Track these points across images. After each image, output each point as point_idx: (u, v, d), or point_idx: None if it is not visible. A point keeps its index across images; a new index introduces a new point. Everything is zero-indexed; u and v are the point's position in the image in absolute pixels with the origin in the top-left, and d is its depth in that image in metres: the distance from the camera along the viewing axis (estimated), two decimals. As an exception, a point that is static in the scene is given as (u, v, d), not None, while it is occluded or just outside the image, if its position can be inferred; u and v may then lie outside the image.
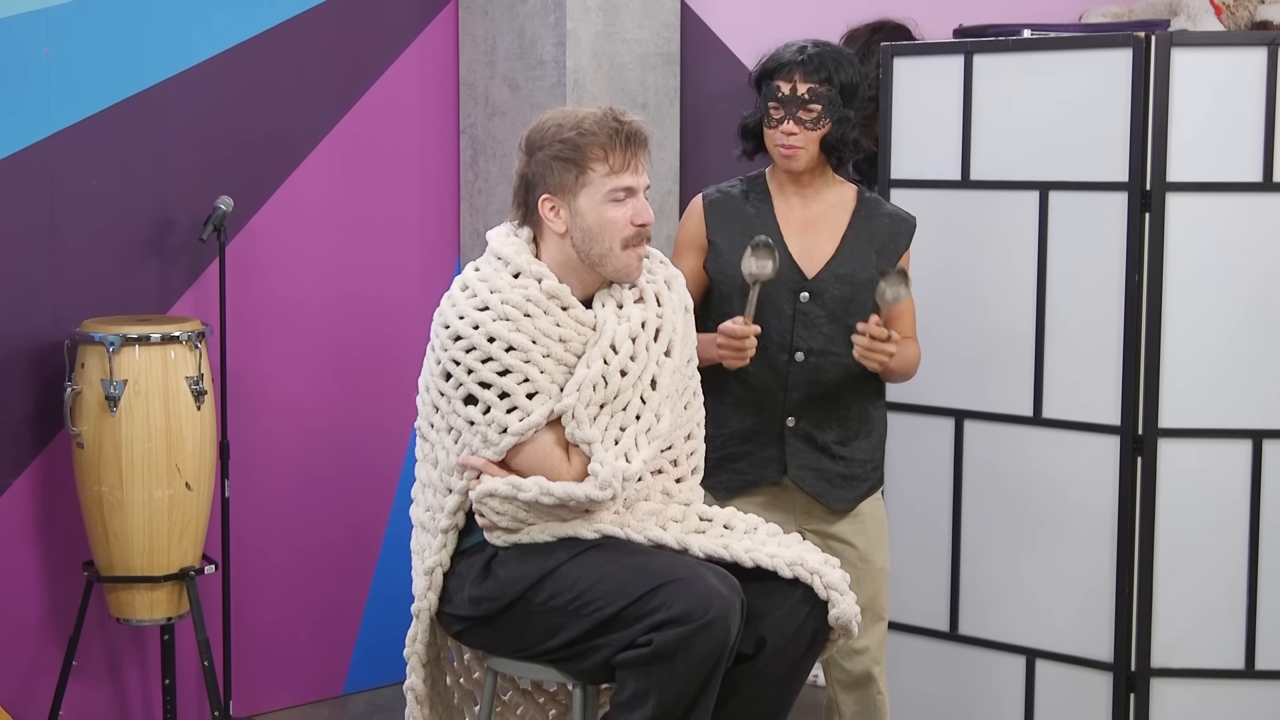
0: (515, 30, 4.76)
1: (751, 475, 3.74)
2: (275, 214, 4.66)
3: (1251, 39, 4.15)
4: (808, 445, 3.72)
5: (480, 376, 3.12)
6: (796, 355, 3.69)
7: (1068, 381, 4.24)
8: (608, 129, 3.15)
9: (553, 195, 3.18)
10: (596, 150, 3.15)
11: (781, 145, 3.69)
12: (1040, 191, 4.24)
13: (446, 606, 3.25)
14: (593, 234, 3.17)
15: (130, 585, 4.17)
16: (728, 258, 3.71)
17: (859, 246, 3.73)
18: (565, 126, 3.17)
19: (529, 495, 3.07)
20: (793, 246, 3.71)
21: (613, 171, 3.16)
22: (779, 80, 3.69)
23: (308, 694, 4.87)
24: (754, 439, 3.73)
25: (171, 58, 4.46)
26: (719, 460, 3.73)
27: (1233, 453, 4.14)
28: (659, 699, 2.96)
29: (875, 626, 3.80)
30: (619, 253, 3.19)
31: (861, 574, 3.76)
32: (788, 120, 3.67)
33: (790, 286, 3.68)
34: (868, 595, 3.76)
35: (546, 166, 3.18)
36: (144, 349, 4.12)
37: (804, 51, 3.70)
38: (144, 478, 4.10)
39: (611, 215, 3.17)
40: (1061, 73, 4.21)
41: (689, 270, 3.73)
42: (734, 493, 3.75)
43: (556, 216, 3.19)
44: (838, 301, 3.70)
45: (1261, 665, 4.17)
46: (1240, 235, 4.11)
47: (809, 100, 3.66)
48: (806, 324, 3.69)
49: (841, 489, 3.75)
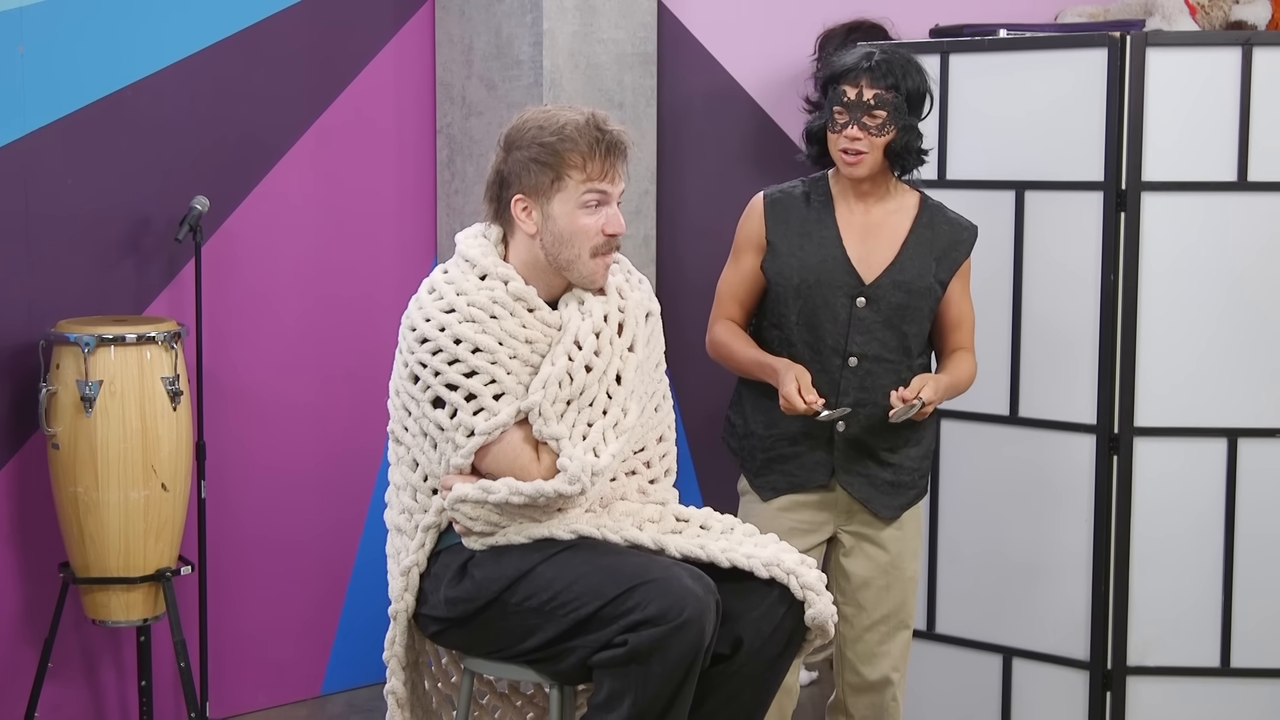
0: (492, 30, 4.75)
1: (800, 478, 3.72)
2: (251, 214, 4.65)
3: (1226, 39, 4.16)
4: (858, 451, 3.71)
5: (447, 378, 3.12)
6: (850, 360, 3.67)
7: (1044, 381, 4.25)
8: (589, 137, 3.14)
9: (526, 196, 3.18)
10: (575, 157, 3.14)
11: (845, 151, 3.65)
12: (1016, 191, 4.25)
13: (423, 607, 3.24)
14: (562, 239, 3.17)
15: (106, 586, 4.15)
16: (785, 259, 3.68)
17: (919, 254, 3.71)
18: (546, 130, 3.16)
19: (499, 497, 3.07)
20: (851, 251, 3.69)
21: (589, 179, 3.15)
22: (845, 85, 3.64)
23: (285, 695, 4.86)
24: (803, 441, 3.71)
25: (147, 57, 4.44)
26: (767, 461, 3.74)
27: (1208, 452, 4.16)
28: (635, 699, 2.95)
29: (900, 634, 3.79)
30: (586, 259, 3.19)
31: (891, 580, 3.75)
32: (852, 125, 3.63)
33: (847, 291, 3.66)
34: (895, 602, 3.76)
35: (523, 166, 3.17)
36: (119, 349, 4.10)
37: (871, 57, 3.65)
38: (120, 478, 4.09)
39: (583, 223, 3.16)
40: (1037, 73, 4.22)
41: (747, 270, 3.74)
42: (780, 493, 3.74)
43: (528, 217, 3.18)
44: (893, 308, 3.68)
45: (1237, 663, 4.19)
46: (1215, 234, 4.13)
47: (874, 106, 3.61)
48: (861, 329, 3.67)
49: (889, 495, 3.73)
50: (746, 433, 3.78)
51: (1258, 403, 4.14)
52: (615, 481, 3.28)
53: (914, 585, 3.81)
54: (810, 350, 3.67)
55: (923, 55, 4.36)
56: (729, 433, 3.86)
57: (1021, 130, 4.24)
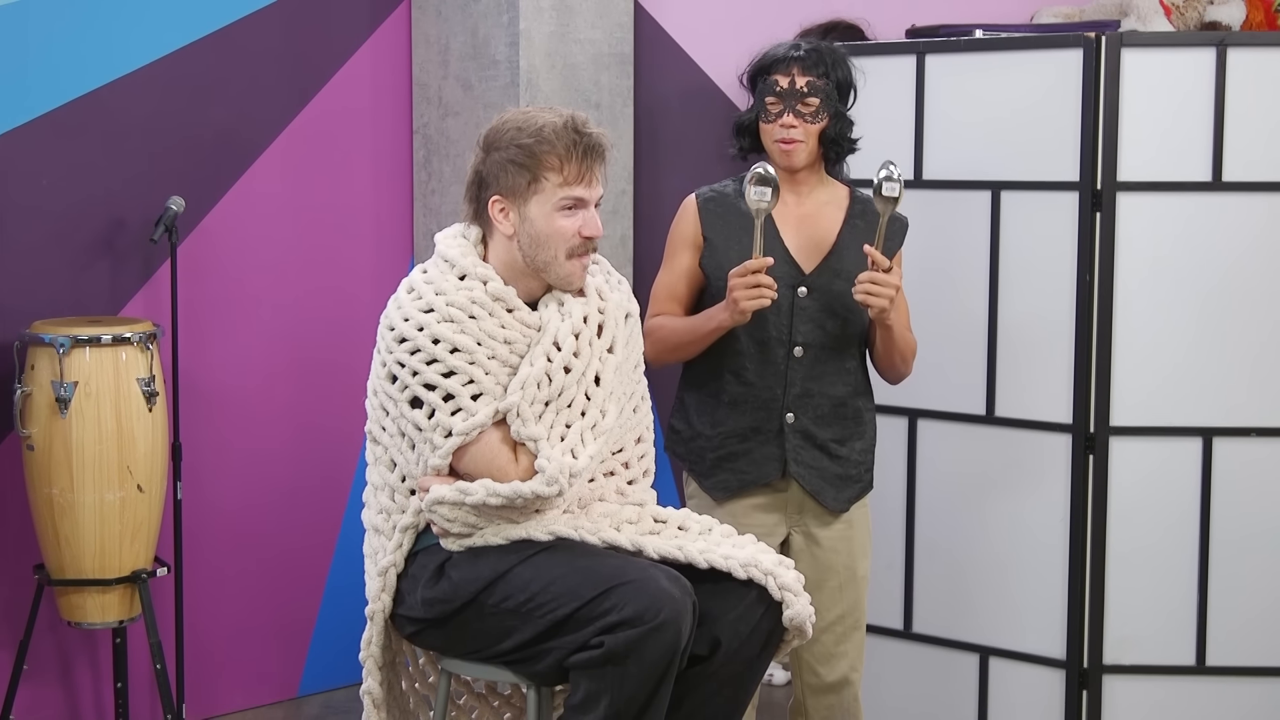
0: (468, 30, 4.74)
1: (751, 474, 3.72)
2: (227, 214, 4.63)
3: (1201, 39, 4.18)
4: (807, 442, 3.71)
5: (425, 378, 3.12)
6: (795, 350, 3.68)
7: (1020, 380, 4.26)
8: (567, 140, 3.14)
9: (503, 197, 3.17)
10: (552, 160, 3.14)
11: (781, 140, 3.67)
12: (992, 191, 4.26)
13: (400, 608, 3.23)
14: (539, 241, 3.17)
15: (81, 588, 4.14)
16: (724, 253, 3.69)
17: (854, 242, 3.72)
18: (525, 131, 3.15)
19: (476, 498, 3.07)
20: (789, 241, 3.70)
21: (566, 183, 3.16)
22: (777, 75, 3.67)
23: (262, 696, 4.85)
24: (753, 437, 3.71)
25: (123, 57, 4.43)
26: (717, 460, 3.73)
27: (1184, 451, 4.17)
28: (611, 701, 2.95)
29: (855, 634, 3.79)
30: (563, 261, 3.19)
31: (844, 581, 3.76)
32: (787, 113, 3.65)
33: (788, 282, 3.66)
34: (849, 602, 3.76)
35: (501, 168, 3.17)
36: (95, 350, 4.09)
37: (799, 48, 3.70)
38: (95, 480, 4.07)
39: (560, 225, 3.17)
40: (1013, 73, 4.23)
41: (685, 269, 3.73)
42: (732, 493, 3.73)
43: (505, 219, 3.18)
44: (834, 296, 3.69)
45: (1212, 662, 4.20)
46: (1190, 234, 4.14)
47: (808, 94, 3.65)
48: (805, 319, 3.68)
49: (838, 488, 3.74)
50: (693, 435, 3.77)
51: (1232, 402, 4.15)
52: (594, 482, 3.28)
53: (866, 584, 3.82)
54: (755, 343, 3.67)
55: (899, 56, 4.39)
56: (674, 440, 3.84)
57: (997, 130, 4.25)
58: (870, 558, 3.84)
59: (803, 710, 3.82)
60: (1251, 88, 4.09)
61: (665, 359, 3.73)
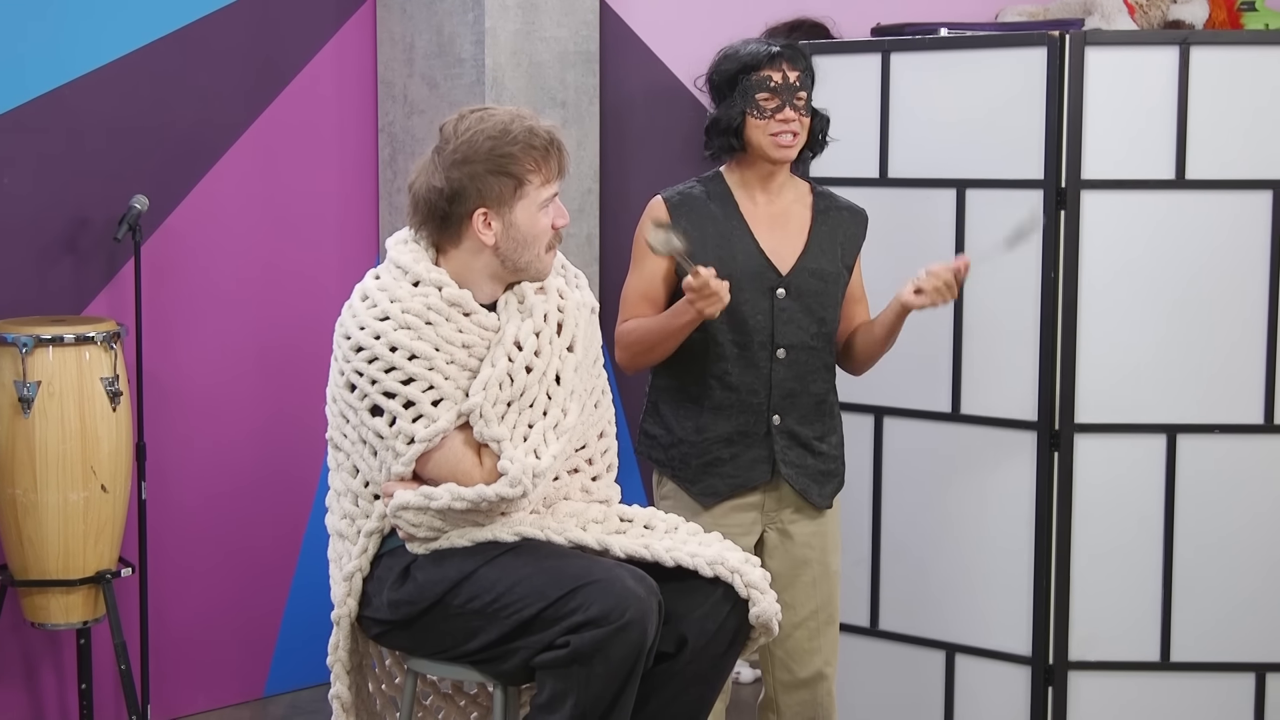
0: (434, 28, 4.73)
1: (740, 478, 3.70)
2: (191, 213, 4.61)
3: (1164, 38, 4.19)
4: (793, 442, 3.71)
5: (384, 386, 3.10)
6: (778, 352, 3.68)
7: (985, 378, 4.27)
8: (542, 141, 3.16)
9: (489, 208, 3.16)
10: (530, 162, 3.15)
11: (779, 135, 3.65)
12: (957, 189, 4.27)
13: (366, 610, 3.22)
14: (524, 242, 3.17)
15: (45, 589, 4.12)
16: (700, 259, 3.68)
17: (824, 240, 3.73)
18: (502, 140, 3.13)
19: (441, 503, 3.06)
20: (764, 244, 3.69)
21: (546, 181, 3.18)
22: (768, 71, 3.65)
23: (228, 697, 4.83)
24: (739, 441, 3.70)
25: (85, 55, 4.41)
26: (703, 466, 3.70)
27: (1148, 448, 4.19)
28: (577, 700, 2.95)
29: (829, 629, 3.79)
30: (542, 255, 3.21)
31: (817, 575, 3.76)
32: (786, 108, 3.64)
33: (767, 284, 3.66)
34: (822, 597, 3.76)
35: (480, 179, 3.14)
36: (58, 350, 4.07)
37: (778, 44, 3.69)
38: (58, 480, 4.06)
39: (542, 223, 3.19)
40: (978, 71, 4.24)
41: (658, 272, 3.70)
42: (722, 498, 3.70)
43: (488, 228, 3.17)
44: (812, 296, 3.70)
45: (1177, 658, 4.22)
46: (1154, 232, 4.15)
47: (799, 87, 3.65)
48: (785, 320, 3.68)
49: (820, 484, 3.75)
50: (673, 441, 3.74)
51: (1196, 399, 4.17)
52: (558, 480, 3.28)
53: (838, 579, 3.82)
54: (737, 347, 3.66)
55: (864, 54, 4.39)
56: (649, 445, 3.80)
57: (962, 129, 4.26)
58: (840, 553, 3.84)
59: (774, 707, 3.82)
60: (1214, 86, 4.11)
61: (640, 362, 3.70)
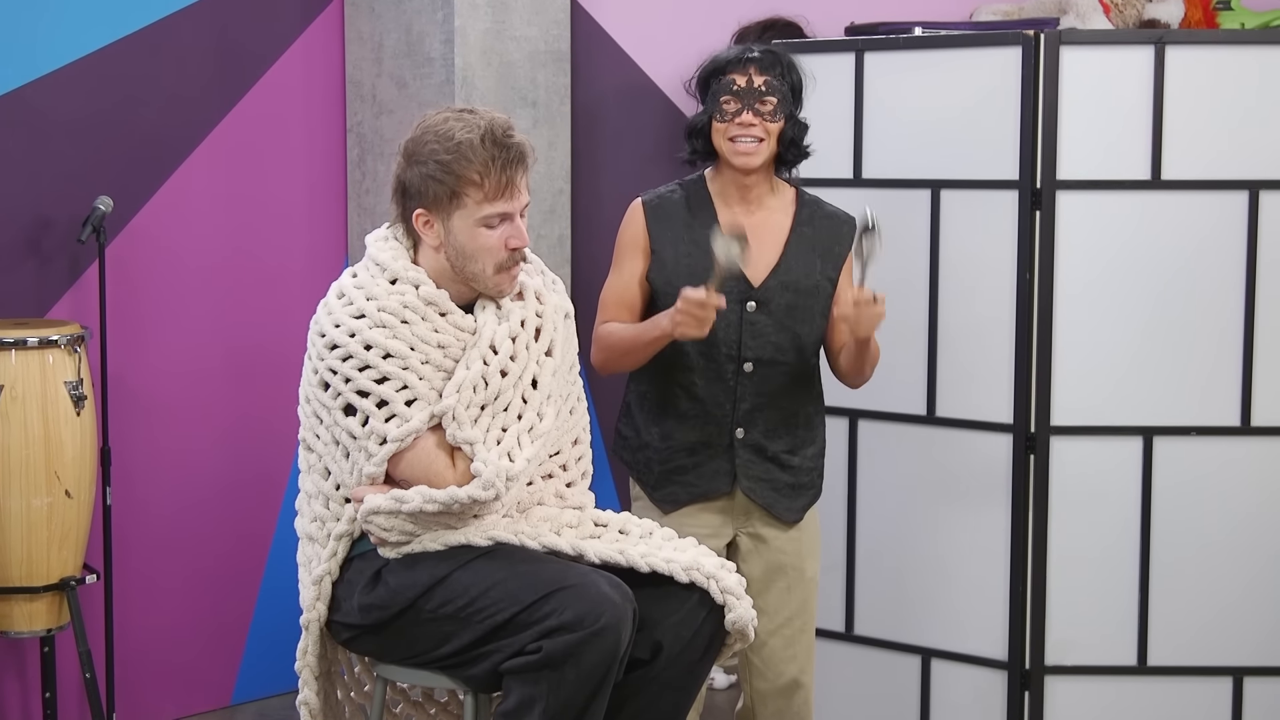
0: (402, 27, 4.69)
1: (700, 488, 3.69)
2: (156, 214, 4.57)
3: (1139, 37, 4.18)
4: (758, 456, 3.68)
5: (358, 385, 3.07)
6: (745, 366, 3.64)
7: (961, 380, 4.26)
8: (484, 156, 3.06)
9: (427, 211, 3.11)
10: (472, 175, 3.07)
11: (738, 140, 3.60)
12: (932, 190, 4.25)
13: (335, 614, 3.19)
14: (466, 254, 3.12)
15: (8, 596, 4.07)
16: (672, 267, 3.63)
17: (802, 252, 3.68)
18: (443, 147, 3.07)
19: (412, 505, 3.02)
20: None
21: (487, 199, 3.08)
22: (733, 74, 3.61)
23: (194, 705, 4.79)
24: (702, 451, 3.68)
25: (48, 54, 4.36)
26: (665, 473, 3.69)
27: (1124, 450, 4.18)
28: (546, 706, 2.91)
29: (804, 636, 3.77)
30: (491, 274, 3.13)
31: (792, 582, 3.73)
32: (745, 111, 3.60)
33: (736, 296, 3.61)
34: (798, 604, 3.74)
35: (422, 181, 3.10)
36: (20, 353, 4.02)
37: (753, 49, 3.64)
38: (21, 485, 4.01)
39: (485, 241, 3.10)
40: (952, 71, 4.23)
41: (634, 275, 3.67)
42: (680, 505, 3.69)
43: (429, 230, 3.13)
44: (784, 310, 3.65)
45: (1154, 662, 4.21)
46: (1130, 232, 4.15)
47: (765, 93, 3.60)
48: (754, 333, 3.64)
49: (790, 498, 3.72)
50: (640, 445, 3.74)
51: (1172, 401, 4.16)
52: (532, 486, 3.25)
53: (815, 586, 3.79)
54: (704, 358, 3.63)
55: (838, 53, 4.37)
56: (621, 445, 3.81)
57: (937, 129, 4.25)
58: (819, 559, 3.81)
59: (752, 715, 3.79)
60: (1190, 86, 4.10)
61: (612, 366, 3.69)
